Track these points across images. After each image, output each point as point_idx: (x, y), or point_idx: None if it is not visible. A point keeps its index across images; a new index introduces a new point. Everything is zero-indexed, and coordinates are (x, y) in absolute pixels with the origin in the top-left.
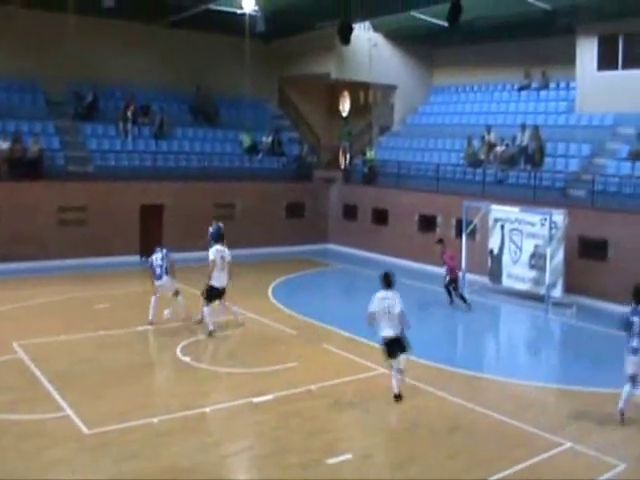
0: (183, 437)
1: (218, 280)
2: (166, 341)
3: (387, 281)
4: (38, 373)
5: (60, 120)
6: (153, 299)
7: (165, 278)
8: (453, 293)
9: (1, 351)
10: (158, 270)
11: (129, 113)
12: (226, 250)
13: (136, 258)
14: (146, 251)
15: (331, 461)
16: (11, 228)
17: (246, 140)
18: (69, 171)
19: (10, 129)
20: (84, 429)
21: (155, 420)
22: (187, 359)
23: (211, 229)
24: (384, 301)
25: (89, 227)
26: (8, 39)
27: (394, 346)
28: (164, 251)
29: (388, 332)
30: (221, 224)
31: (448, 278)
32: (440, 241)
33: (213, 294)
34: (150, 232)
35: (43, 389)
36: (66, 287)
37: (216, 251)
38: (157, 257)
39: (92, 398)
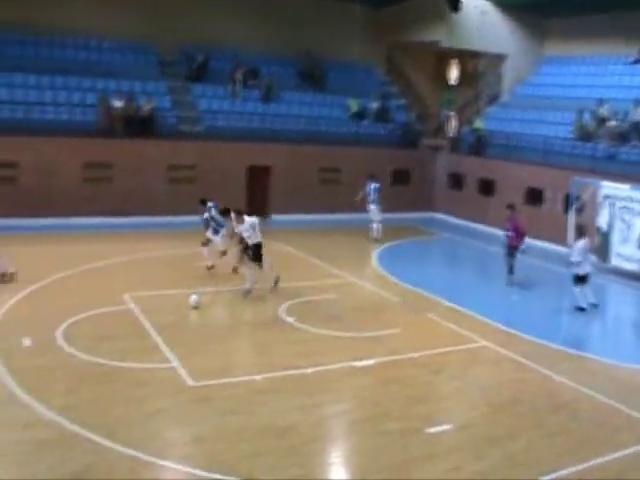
0: (284, 396)
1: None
2: (270, 301)
3: (582, 232)
4: (147, 325)
5: (172, 80)
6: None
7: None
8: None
9: (113, 301)
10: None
11: (238, 75)
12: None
13: None
14: (253, 211)
15: (430, 430)
16: (124, 184)
17: (353, 105)
18: (180, 130)
19: (125, 88)
20: (189, 381)
21: (257, 378)
22: (291, 319)
23: (373, 186)
24: (585, 247)
25: (197, 185)
26: (123, 2)
27: (585, 279)
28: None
29: (587, 269)
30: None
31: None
32: (511, 207)
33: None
34: (257, 193)
35: (151, 340)
36: (174, 243)
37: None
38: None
39: (197, 352)
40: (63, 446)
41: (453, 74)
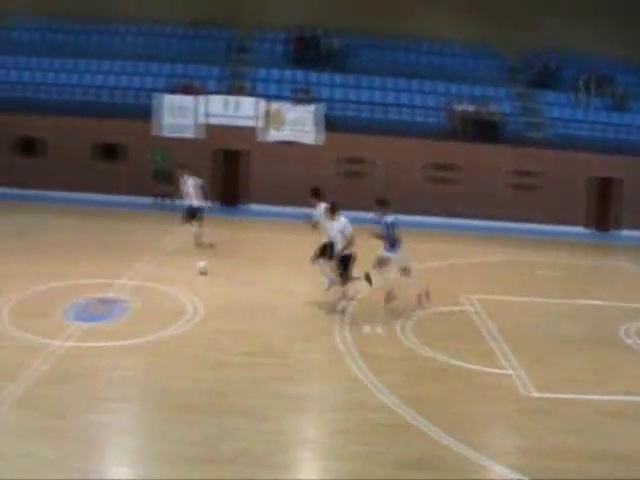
0: (626, 421)
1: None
2: (608, 318)
3: None
4: (483, 328)
5: (518, 86)
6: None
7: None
8: None
9: (450, 302)
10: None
11: (587, 83)
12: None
13: (580, 230)
14: (597, 225)
15: None
16: (468, 187)
17: None
18: (525, 136)
19: (472, 93)
20: (526, 391)
21: (598, 398)
22: (630, 341)
23: None
24: None
25: (542, 192)
26: (473, 9)
27: None
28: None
29: None
30: None
31: None
32: None
33: None
34: (602, 206)
35: (488, 344)
36: (513, 249)
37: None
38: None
39: (539, 363)
40: (400, 433)
41: None
